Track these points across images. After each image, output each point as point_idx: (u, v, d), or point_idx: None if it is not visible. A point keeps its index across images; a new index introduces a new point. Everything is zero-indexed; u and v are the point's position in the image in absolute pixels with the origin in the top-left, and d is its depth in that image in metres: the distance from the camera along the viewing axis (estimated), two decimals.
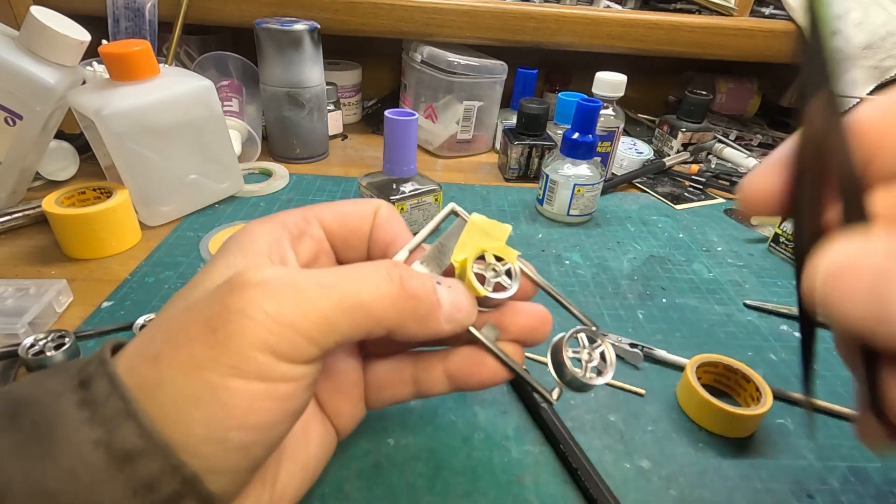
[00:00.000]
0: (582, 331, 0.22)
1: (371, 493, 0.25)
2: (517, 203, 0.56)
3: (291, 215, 0.22)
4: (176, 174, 0.47)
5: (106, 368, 0.15)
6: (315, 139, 0.63)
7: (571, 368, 0.21)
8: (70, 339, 0.31)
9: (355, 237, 0.23)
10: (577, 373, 0.21)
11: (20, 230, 0.45)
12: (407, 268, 0.19)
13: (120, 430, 0.14)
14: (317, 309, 0.16)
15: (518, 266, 0.22)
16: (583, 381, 0.21)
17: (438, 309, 0.19)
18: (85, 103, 0.41)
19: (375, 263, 0.18)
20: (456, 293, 0.20)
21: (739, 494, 0.27)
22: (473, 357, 0.21)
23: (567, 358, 0.21)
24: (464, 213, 0.23)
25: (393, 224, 0.23)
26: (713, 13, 0.72)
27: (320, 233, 0.22)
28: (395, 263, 0.19)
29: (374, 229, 0.23)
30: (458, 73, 0.63)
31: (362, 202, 0.23)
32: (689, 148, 0.69)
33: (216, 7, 0.63)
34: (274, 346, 0.15)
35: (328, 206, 0.23)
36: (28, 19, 0.41)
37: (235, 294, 0.16)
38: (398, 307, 0.18)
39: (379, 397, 0.23)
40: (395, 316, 0.18)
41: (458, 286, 0.20)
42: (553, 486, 0.26)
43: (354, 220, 0.23)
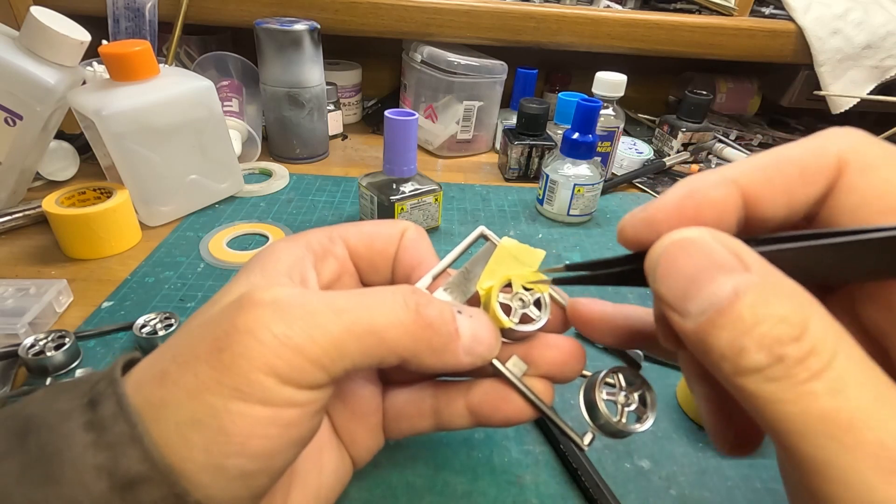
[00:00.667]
0: (620, 370, 0.19)
1: (371, 493, 0.25)
2: (517, 203, 0.56)
3: (316, 235, 0.21)
4: (176, 174, 0.47)
5: (115, 388, 0.15)
6: (315, 139, 0.63)
7: (605, 412, 0.18)
8: (70, 339, 0.31)
9: (381, 259, 0.22)
10: (612, 418, 0.18)
11: (20, 230, 0.45)
12: (425, 294, 0.18)
13: (124, 457, 0.14)
14: (326, 333, 0.15)
15: (548, 296, 0.20)
16: (617, 427, 0.18)
17: (457, 340, 0.18)
18: (85, 103, 0.41)
19: (393, 288, 0.18)
20: (477, 324, 0.18)
21: (739, 494, 0.27)
22: (498, 392, 0.20)
23: (601, 400, 0.19)
24: (493, 236, 0.21)
25: (419, 247, 0.22)
26: (713, 13, 0.72)
27: (345, 253, 0.21)
28: (414, 289, 0.18)
29: (400, 251, 0.22)
30: (458, 73, 0.63)
31: (388, 223, 0.22)
32: (689, 148, 0.69)
33: (216, 7, 0.63)
34: (279, 370, 0.15)
35: (354, 226, 0.22)
36: (28, 19, 0.41)
37: (244, 313, 0.15)
38: (413, 336, 0.17)
39: (398, 427, 0.22)
40: (409, 345, 0.17)
41: (481, 316, 0.19)
42: (553, 486, 0.26)
43: (380, 241, 0.22)
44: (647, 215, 0.15)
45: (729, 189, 0.14)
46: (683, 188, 0.15)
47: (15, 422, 0.15)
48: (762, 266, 0.12)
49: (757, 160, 0.14)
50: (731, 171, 0.14)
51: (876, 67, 0.70)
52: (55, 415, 0.15)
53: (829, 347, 0.11)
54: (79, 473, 0.14)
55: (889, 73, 0.70)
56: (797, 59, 0.70)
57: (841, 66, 0.69)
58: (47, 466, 0.14)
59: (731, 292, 0.12)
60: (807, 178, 0.14)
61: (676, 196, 0.14)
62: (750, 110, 0.86)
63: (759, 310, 0.11)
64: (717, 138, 0.71)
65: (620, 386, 0.19)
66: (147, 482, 0.14)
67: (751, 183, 0.14)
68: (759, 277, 0.12)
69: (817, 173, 0.14)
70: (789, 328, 0.11)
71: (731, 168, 0.14)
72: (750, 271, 0.12)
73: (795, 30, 0.69)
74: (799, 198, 0.14)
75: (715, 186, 0.14)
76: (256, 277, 0.18)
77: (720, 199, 0.14)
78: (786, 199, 0.14)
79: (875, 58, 0.69)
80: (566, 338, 0.21)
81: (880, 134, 0.63)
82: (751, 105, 0.86)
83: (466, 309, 0.19)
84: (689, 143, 0.69)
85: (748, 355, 0.11)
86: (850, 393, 0.10)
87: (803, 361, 0.11)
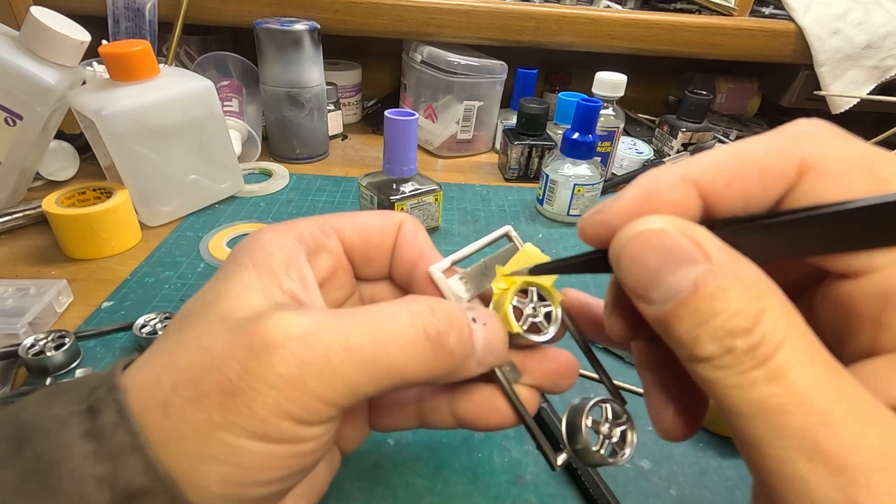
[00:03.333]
0: (609, 402, 0.19)
1: (371, 493, 0.25)
2: (517, 203, 0.56)
3: (308, 226, 0.20)
4: (176, 174, 0.47)
5: (115, 395, 0.15)
6: (315, 139, 0.63)
7: (586, 438, 0.18)
8: (70, 339, 0.31)
9: (377, 252, 0.21)
10: (591, 446, 0.18)
11: (20, 230, 0.45)
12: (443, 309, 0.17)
13: (125, 469, 0.14)
14: (341, 377, 0.15)
15: (560, 312, 0.20)
16: (593, 456, 0.18)
17: (472, 356, 0.17)
18: (85, 103, 0.41)
19: (411, 311, 0.16)
20: (491, 333, 0.18)
21: (739, 494, 0.27)
22: (485, 400, 0.20)
23: (585, 426, 0.18)
24: (517, 239, 0.21)
25: (419, 240, 0.21)
26: (713, 13, 0.72)
27: (339, 247, 0.20)
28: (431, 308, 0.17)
29: (399, 245, 0.21)
30: (458, 73, 0.63)
31: (384, 215, 0.21)
32: (689, 148, 0.69)
33: (216, 7, 0.63)
34: (295, 414, 0.15)
35: (348, 217, 0.21)
36: (28, 19, 0.41)
37: (257, 359, 0.14)
38: (430, 366, 0.16)
39: (383, 423, 0.22)
40: (427, 374, 0.16)
41: (494, 324, 0.18)
42: (553, 486, 0.26)
43: (376, 234, 0.21)
44: (603, 218, 0.15)
45: (687, 190, 0.14)
46: (639, 189, 0.14)
47: (10, 428, 0.15)
48: (722, 254, 0.12)
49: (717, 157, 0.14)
50: (690, 170, 0.14)
51: (876, 67, 0.70)
52: (52, 422, 0.15)
53: (778, 338, 0.11)
54: (78, 485, 0.14)
55: (889, 73, 0.70)
56: (797, 59, 0.70)
57: (841, 66, 0.69)
58: (45, 478, 0.14)
59: (690, 284, 0.12)
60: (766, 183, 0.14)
61: (633, 197, 0.14)
62: (750, 110, 0.86)
63: (717, 303, 0.12)
64: (716, 138, 0.71)
65: (606, 417, 0.19)
66: (149, 495, 0.14)
67: (709, 184, 0.14)
68: (718, 268, 0.12)
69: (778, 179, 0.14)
70: (742, 321, 0.11)
71: (691, 165, 0.14)
72: (710, 261, 0.12)
73: (795, 30, 0.69)
74: (755, 201, 0.14)
75: (672, 188, 0.14)
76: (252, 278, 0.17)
77: (678, 201, 0.14)
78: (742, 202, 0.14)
79: (875, 58, 0.69)
80: (564, 351, 0.20)
81: (880, 134, 0.63)
82: (751, 105, 0.86)
83: (480, 314, 0.18)
84: (689, 143, 0.69)
85: (702, 345, 0.12)
86: (788, 380, 0.11)
87: (750, 352, 0.11)
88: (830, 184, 0.13)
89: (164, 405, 0.15)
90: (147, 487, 0.14)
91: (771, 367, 0.11)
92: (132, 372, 0.16)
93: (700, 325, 0.12)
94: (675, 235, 0.13)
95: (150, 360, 0.16)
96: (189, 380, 0.15)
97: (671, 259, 0.13)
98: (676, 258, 0.13)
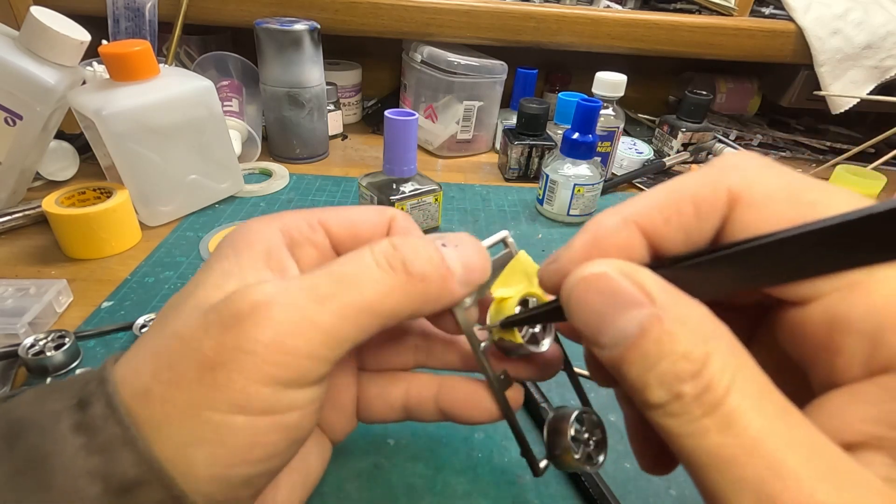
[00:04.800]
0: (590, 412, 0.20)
1: (371, 493, 0.25)
2: (517, 203, 0.56)
3: (294, 219, 0.19)
4: (176, 174, 0.47)
5: (104, 388, 0.15)
6: (315, 139, 0.63)
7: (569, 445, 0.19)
8: (70, 339, 0.31)
9: None
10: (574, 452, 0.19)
11: (20, 230, 0.45)
12: (406, 243, 0.17)
13: (117, 461, 0.14)
14: (319, 327, 0.15)
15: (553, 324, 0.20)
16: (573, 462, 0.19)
17: (451, 278, 0.17)
18: (85, 103, 0.41)
19: (372, 250, 0.16)
20: (465, 251, 0.18)
21: None
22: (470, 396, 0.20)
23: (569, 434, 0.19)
24: (513, 245, 0.21)
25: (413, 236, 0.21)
26: (713, 13, 0.72)
27: (325, 242, 0.20)
28: (393, 244, 0.17)
29: None
30: (458, 73, 0.63)
31: (374, 210, 0.21)
32: (689, 148, 0.69)
33: (216, 7, 0.63)
34: (279, 376, 0.14)
35: (335, 211, 0.20)
36: (28, 19, 0.41)
37: (229, 330, 0.14)
38: (409, 296, 0.16)
39: (369, 414, 0.23)
40: (406, 305, 0.16)
41: (467, 244, 0.18)
42: (553, 486, 0.26)
43: (366, 229, 0.20)
44: (558, 266, 0.15)
45: (630, 231, 0.14)
46: (587, 235, 0.15)
47: (4, 424, 0.15)
48: (667, 296, 0.12)
49: (654, 197, 0.15)
50: (630, 211, 0.15)
51: (876, 67, 0.70)
52: (45, 416, 0.15)
53: (725, 382, 0.11)
54: (71, 479, 0.14)
55: (889, 73, 0.70)
56: (797, 59, 0.70)
57: (841, 66, 0.69)
58: (37, 472, 0.14)
59: (636, 328, 0.12)
60: (701, 216, 0.14)
61: (582, 244, 0.15)
62: (750, 110, 0.86)
63: (663, 346, 0.12)
64: (716, 138, 0.71)
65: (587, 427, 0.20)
66: (143, 486, 0.14)
67: (650, 222, 0.14)
68: (662, 311, 0.12)
69: (711, 211, 0.14)
70: (689, 364, 0.11)
71: (630, 207, 0.15)
72: (655, 304, 0.12)
73: (795, 30, 0.69)
74: (695, 234, 0.14)
75: (616, 231, 0.14)
76: (232, 266, 0.17)
77: (623, 242, 0.14)
78: (684, 237, 0.14)
79: (875, 58, 0.69)
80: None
81: (879, 134, 0.63)
82: (751, 105, 0.86)
83: (449, 239, 0.18)
84: (689, 143, 0.69)
85: (651, 391, 0.12)
86: (738, 428, 0.11)
87: (699, 398, 0.11)
88: (757, 213, 0.13)
89: (145, 393, 0.15)
90: (140, 479, 0.14)
91: (721, 413, 0.11)
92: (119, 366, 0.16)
93: (648, 371, 0.12)
94: (618, 278, 0.13)
95: (135, 354, 0.16)
96: (165, 364, 0.15)
97: (616, 302, 0.13)
98: (621, 301, 0.13)
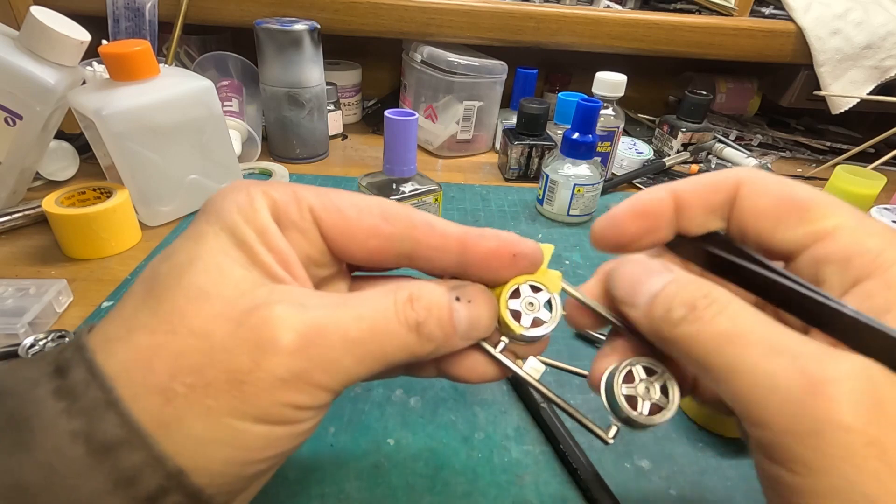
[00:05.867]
0: (639, 361, 0.19)
1: (371, 493, 0.25)
2: (517, 203, 0.56)
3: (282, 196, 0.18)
4: (176, 174, 0.47)
5: (83, 354, 0.15)
6: (315, 139, 0.63)
7: (625, 406, 0.18)
8: (70, 339, 0.31)
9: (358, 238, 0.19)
10: (632, 412, 0.18)
11: (20, 230, 0.45)
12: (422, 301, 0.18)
13: (101, 421, 0.14)
14: (343, 369, 0.16)
15: (558, 296, 0.20)
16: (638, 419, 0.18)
17: (454, 336, 0.18)
18: (85, 103, 0.41)
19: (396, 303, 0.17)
20: (476, 310, 0.18)
21: (739, 494, 0.27)
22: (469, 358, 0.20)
23: (620, 395, 0.18)
24: None
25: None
26: (713, 13, 0.72)
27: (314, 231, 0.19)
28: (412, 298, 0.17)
29: None
30: (458, 73, 0.63)
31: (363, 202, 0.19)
32: (689, 148, 0.69)
33: (216, 7, 0.63)
34: (299, 402, 0.16)
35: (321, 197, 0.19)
36: (28, 19, 0.41)
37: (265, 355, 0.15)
38: (414, 350, 0.18)
39: None
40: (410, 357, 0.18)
41: (481, 300, 0.19)
42: (553, 486, 0.26)
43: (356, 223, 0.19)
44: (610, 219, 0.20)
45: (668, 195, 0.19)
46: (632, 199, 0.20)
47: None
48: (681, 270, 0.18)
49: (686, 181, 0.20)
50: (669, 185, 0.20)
51: (876, 67, 0.70)
52: (20, 383, 0.15)
53: (726, 300, 0.16)
54: (52, 439, 0.14)
55: (889, 73, 0.70)
56: (797, 59, 0.70)
57: (841, 66, 0.69)
58: (17, 433, 0.14)
59: (660, 285, 0.17)
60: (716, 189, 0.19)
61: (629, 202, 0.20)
62: (750, 110, 0.86)
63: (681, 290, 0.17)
64: (716, 138, 0.71)
65: (640, 378, 0.19)
66: (126, 446, 0.14)
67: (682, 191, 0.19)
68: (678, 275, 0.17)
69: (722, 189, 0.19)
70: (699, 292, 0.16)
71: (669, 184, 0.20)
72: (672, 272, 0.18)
73: (795, 30, 0.69)
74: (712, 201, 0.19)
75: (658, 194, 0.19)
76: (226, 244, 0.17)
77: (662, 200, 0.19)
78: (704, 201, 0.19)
79: (875, 58, 0.69)
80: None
81: (879, 134, 0.63)
82: (751, 105, 0.86)
83: (466, 292, 0.18)
84: (689, 143, 0.69)
85: (674, 311, 0.16)
86: (742, 320, 0.15)
87: (709, 307, 0.16)
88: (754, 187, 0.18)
89: (164, 392, 0.15)
90: (123, 439, 0.14)
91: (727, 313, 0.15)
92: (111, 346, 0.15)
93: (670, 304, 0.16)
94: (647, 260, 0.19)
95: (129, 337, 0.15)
96: (189, 368, 0.15)
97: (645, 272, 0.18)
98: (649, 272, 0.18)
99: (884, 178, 0.43)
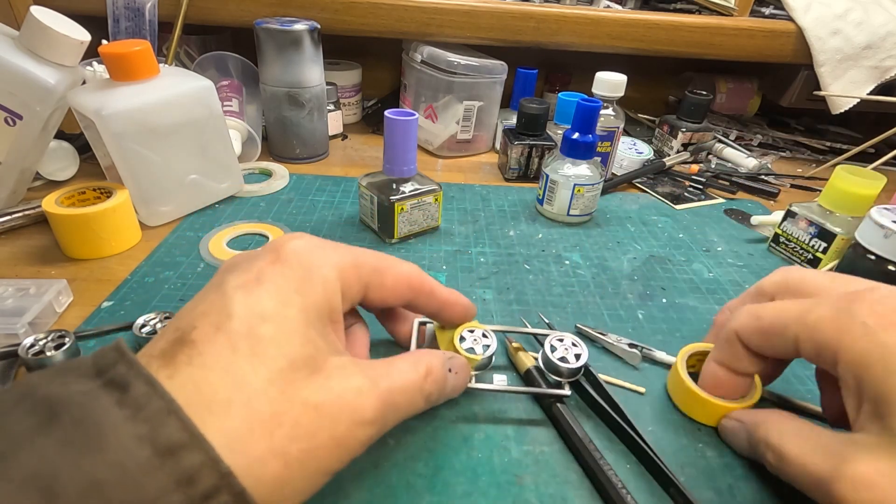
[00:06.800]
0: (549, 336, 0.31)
1: (371, 493, 0.25)
2: (517, 203, 0.56)
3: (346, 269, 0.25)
4: (176, 174, 0.47)
5: (139, 371, 0.17)
6: (315, 139, 0.63)
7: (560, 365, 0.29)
8: (70, 339, 0.31)
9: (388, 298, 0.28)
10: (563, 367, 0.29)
11: (20, 230, 0.45)
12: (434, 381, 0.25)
13: (164, 427, 0.16)
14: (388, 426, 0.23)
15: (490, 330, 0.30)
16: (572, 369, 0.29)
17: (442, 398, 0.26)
18: (85, 103, 0.41)
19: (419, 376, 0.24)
20: (459, 381, 0.27)
21: (739, 494, 0.27)
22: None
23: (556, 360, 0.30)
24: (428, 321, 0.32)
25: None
26: (713, 13, 0.72)
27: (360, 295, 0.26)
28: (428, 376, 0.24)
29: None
30: (458, 73, 0.63)
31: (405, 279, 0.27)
32: (689, 148, 0.69)
33: (216, 7, 0.63)
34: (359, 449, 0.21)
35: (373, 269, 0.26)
36: (28, 19, 0.41)
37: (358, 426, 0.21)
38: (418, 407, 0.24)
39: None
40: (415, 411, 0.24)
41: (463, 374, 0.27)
42: (553, 485, 0.26)
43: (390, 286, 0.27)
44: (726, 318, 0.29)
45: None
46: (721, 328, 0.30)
47: (33, 404, 0.16)
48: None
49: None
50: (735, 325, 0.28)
51: (876, 67, 0.70)
52: (79, 395, 0.16)
53: None
54: (121, 441, 0.15)
55: (889, 73, 0.70)
56: (797, 59, 0.70)
57: (841, 66, 0.69)
58: (88, 437, 0.15)
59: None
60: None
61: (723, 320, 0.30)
62: (750, 110, 0.86)
63: None
64: (716, 138, 0.71)
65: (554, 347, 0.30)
66: (187, 448, 0.16)
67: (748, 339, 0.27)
68: None
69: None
70: None
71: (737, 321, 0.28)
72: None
73: (795, 30, 0.69)
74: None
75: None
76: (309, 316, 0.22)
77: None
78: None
79: (875, 58, 0.69)
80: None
81: (879, 134, 0.63)
82: (751, 105, 0.86)
83: (455, 364, 0.27)
84: (689, 143, 0.69)
85: None
86: None
87: None
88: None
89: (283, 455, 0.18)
90: (185, 442, 0.16)
91: None
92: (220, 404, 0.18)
93: None
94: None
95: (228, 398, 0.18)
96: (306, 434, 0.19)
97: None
98: None
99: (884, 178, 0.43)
